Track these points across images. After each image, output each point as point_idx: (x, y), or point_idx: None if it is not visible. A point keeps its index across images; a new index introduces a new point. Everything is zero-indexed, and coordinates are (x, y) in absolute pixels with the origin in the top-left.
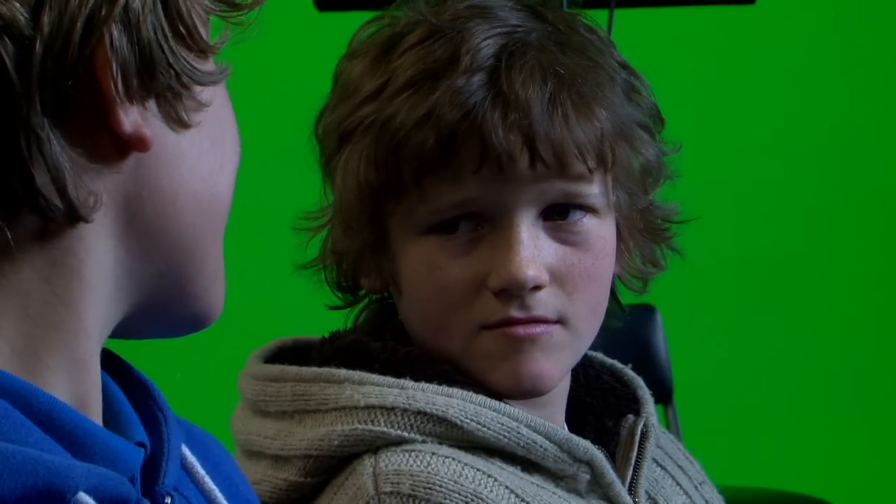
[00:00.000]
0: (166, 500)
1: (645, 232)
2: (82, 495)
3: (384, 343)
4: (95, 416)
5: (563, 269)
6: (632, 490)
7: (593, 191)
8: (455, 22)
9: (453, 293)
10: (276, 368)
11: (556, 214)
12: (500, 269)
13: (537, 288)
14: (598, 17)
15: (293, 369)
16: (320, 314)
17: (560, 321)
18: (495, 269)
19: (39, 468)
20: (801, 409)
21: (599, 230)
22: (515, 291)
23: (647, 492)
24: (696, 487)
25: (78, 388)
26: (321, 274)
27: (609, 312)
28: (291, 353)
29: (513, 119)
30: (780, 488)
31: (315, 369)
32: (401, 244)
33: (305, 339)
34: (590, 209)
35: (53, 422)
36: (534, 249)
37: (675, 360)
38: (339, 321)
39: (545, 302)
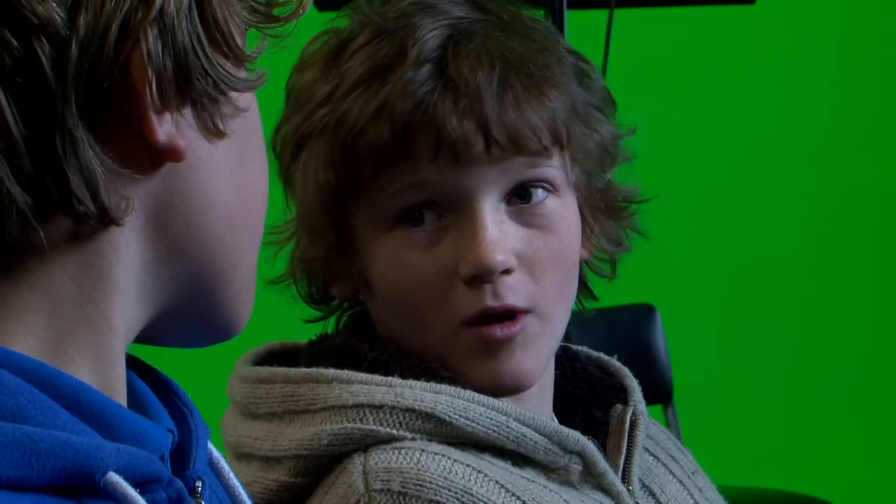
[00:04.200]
0: (197, 484)
1: (606, 212)
2: (112, 475)
3: (372, 342)
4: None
5: (530, 253)
6: (625, 478)
7: (552, 169)
8: (400, 19)
9: (426, 287)
10: (265, 370)
11: (519, 198)
12: (468, 255)
13: (507, 273)
14: (598, 17)
15: (282, 371)
16: (299, 326)
17: (531, 310)
18: (463, 256)
19: (67, 450)
20: (800, 409)
21: (563, 211)
22: (486, 277)
23: (640, 479)
24: (689, 476)
25: (103, 382)
26: (293, 288)
27: (579, 299)
28: (280, 357)
29: (464, 105)
30: (780, 488)
31: (303, 370)
32: (367, 243)
33: (294, 343)
34: (551, 187)
35: (81, 404)
36: (499, 234)
37: (675, 360)
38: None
39: (515, 289)
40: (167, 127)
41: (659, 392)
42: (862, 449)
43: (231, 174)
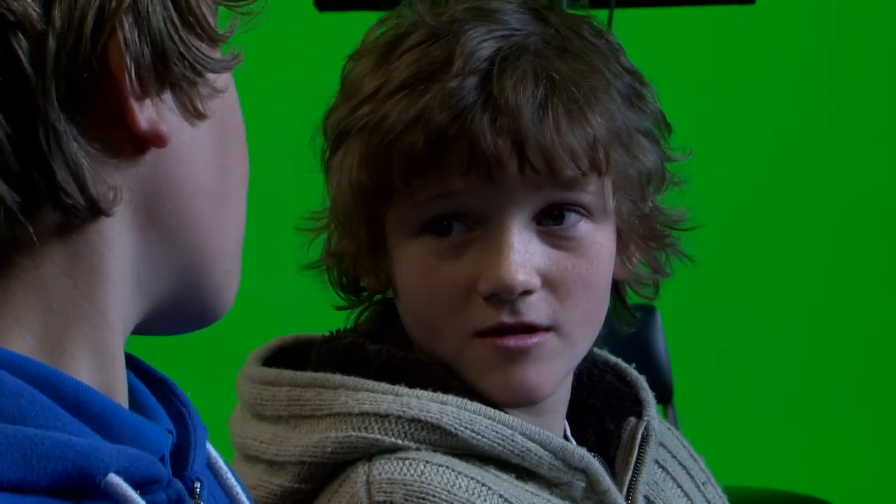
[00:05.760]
0: (195, 485)
1: (645, 237)
2: (113, 476)
3: (381, 347)
4: (122, 404)
5: (556, 274)
6: (629, 495)
7: (587, 196)
8: (453, 24)
9: (444, 297)
10: (273, 372)
11: (551, 219)
12: (490, 273)
13: (528, 293)
14: (597, 17)
15: (288, 374)
16: (325, 312)
17: (552, 328)
18: (485, 273)
19: (68, 452)
20: (800, 409)
21: (595, 235)
22: (505, 296)
23: (646, 496)
24: (698, 488)
25: (103, 378)
26: (325, 275)
27: (618, 317)
28: (291, 352)
29: (502, 123)
30: (780, 488)
31: (310, 374)
32: (395, 246)
33: (307, 336)
34: (585, 213)
35: (81, 405)
36: (525, 254)
37: (675, 360)
38: (343, 318)
39: (536, 307)
40: (148, 113)
41: (659, 392)
42: (862, 449)
43: (212, 155)
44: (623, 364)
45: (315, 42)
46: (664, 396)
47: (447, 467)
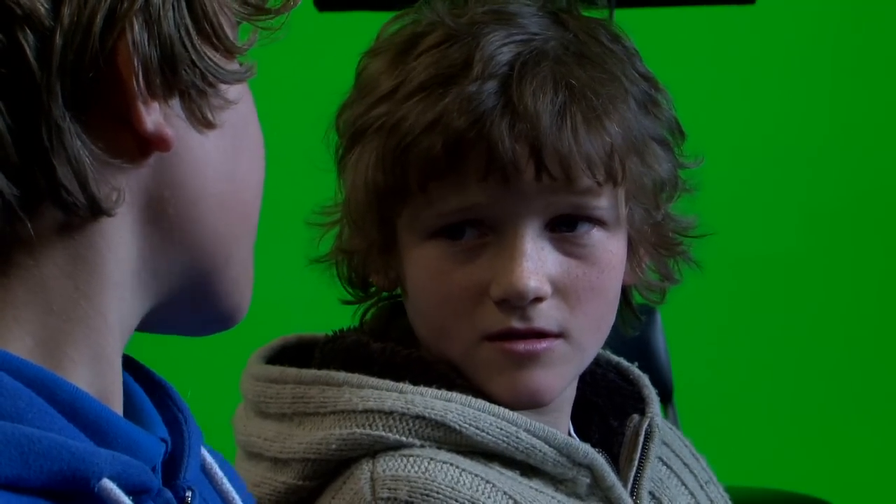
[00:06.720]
0: (186, 494)
1: (656, 245)
2: (106, 481)
3: (384, 345)
4: (117, 410)
5: (567, 282)
6: (634, 491)
7: (602, 204)
8: (472, 27)
9: (455, 300)
10: (276, 370)
11: (564, 226)
12: (502, 279)
13: (539, 300)
14: (598, 17)
15: (293, 371)
16: (329, 311)
17: (562, 334)
18: (496, 278)
19: (64, 453)
20: (800, 409)
21: (607, 244)
22: (516, 302)
23: (650, 492)
24: (701, 487)
25: (100, 382)
26: (333, 269)
27: (624, 321)
28: (295, 352)
29: (520, 129)
30: (780, 488)
31: (314, 372)
32: (407, 247)
33: (310, 336)
34: (598, 222)
35: (77, 411)
36: (537, 261)
37: (675, 360)
38: (347, 318)
39: (546, 314)
40: (155, 116)
41: (659, 392)
42: (862, 449)
43: (223, 165)
44: (625, 363)
45: (315, 42)
46: (664, 396)
47: (451, 464)
